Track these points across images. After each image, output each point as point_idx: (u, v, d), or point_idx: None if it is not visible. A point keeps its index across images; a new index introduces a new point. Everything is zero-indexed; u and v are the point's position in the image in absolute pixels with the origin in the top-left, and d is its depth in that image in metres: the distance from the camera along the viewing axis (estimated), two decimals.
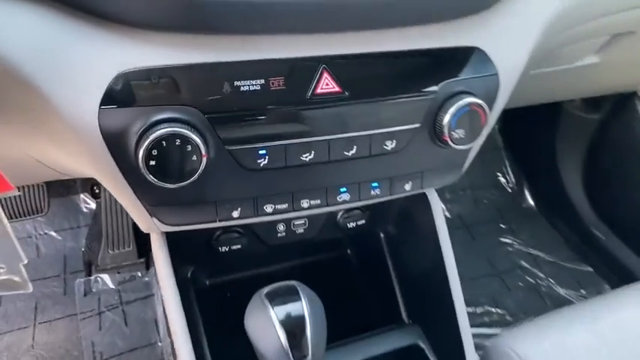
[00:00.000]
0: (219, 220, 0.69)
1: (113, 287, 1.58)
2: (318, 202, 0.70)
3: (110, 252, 1.60)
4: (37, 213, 1.38)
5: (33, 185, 1.40)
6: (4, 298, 1.53)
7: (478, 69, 0.67)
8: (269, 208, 0.70)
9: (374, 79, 0.63)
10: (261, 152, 0.62)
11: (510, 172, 1.97)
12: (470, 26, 0.65)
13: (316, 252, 1.09)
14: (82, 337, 1.41)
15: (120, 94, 0.53)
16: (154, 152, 0.55)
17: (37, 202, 1.42)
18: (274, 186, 0.66)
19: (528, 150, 1.89)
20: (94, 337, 1.46)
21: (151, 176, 0.56)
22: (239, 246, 0.89)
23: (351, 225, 0.96)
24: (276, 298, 0.62)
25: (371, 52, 0.61)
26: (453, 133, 0.67)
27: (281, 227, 0.91)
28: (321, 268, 1.10)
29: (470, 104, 0.65)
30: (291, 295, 0.63)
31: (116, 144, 0.56)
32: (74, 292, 1.56)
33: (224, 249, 0.88)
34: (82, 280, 1.59)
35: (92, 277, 1.60)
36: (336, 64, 0.60)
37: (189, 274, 0.92)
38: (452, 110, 0.65)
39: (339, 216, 0.96)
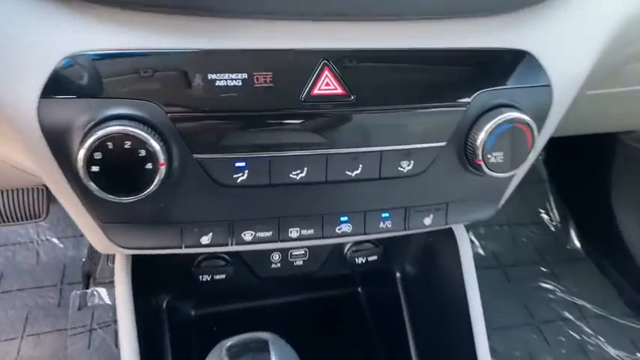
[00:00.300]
0: (186, 247, 0.58)
1: (109, 303, 1.48)
2: (311, 232, 0.60)
3: (110, 265, 1.51)
4: (34, 218, 1.29)
5: (32, 188, 1.32)
6: None
7: (526, 78, 0.57)
8: (248, 236, 0.59)
9: (389, 82, 0.53)
10: (238, 165, 0.53)
11: (554, 209, 1.84)
12: (518, 24, 0.55)
13: (318, 289, 0.97)
14: (69, 354, 1.32)
15: (66, 82, 0.46)
16: (97, 156, 0.46)
17: (35, 206, 1.34)
18: (255, 208, 0.57)
19: (576, 184, 1.77)
20: (81, 356, 1.36)
21: (92, 185, 0.48)
22: (223, 276, 0.79)
23: (361, 261, 0.85)
24: (239, 356, 0.48)
25: (388, 47, 0.52)
26: (488, 156, 0.56)
27: (276, 257, 0.80)
28: (323, 307, 0.99)
29: (513, 120, 0.55)
30: (259, 353, 0.49)
31: (59, 143, 0.48)
32: (69, 304, 1.48)
33: (205, 278, 0.77)
34: (79, 292, 1.50)
35: (89, 291, 1.51)
36: (341, 61, 0.50)
37: (164, 304, 0.79)
38: (488, 127, 0.55)
39: (346, 248, 0.85)
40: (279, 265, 0.79)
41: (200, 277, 0.77)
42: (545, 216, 1.84)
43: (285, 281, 0.83)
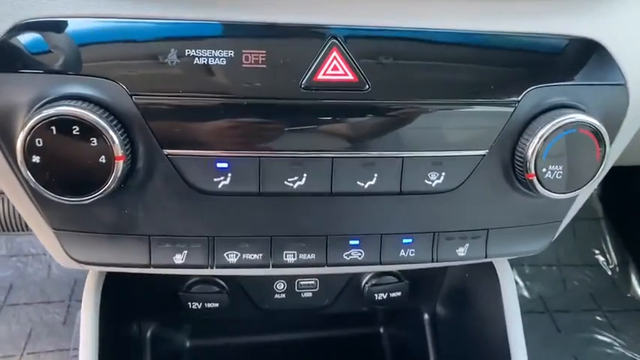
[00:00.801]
0: (154, 267, 0.50)
1: None
2: (312, 257, 0.52)
3: None
4: None
5: None
6: (0, 317, 1.43)
7: (593, 73, 0.49)
8: (232, 257, 0.51)
9: (415, 70, 0.46)
10: (220, 166, 0.46)
11: (612, 250, 1.70)
12: (586, 8, 0.48)
13: (330, 326, 0.88)
14: None
15: (13, 55, 0.42)
16: (38, 143, 0.41)
17: None
18: (241, 223, 0.50)
19: (637, 223, 1.63)
20: None
21: (32, 179, 0.42)
22: (216, 305, 0.71)
23: (381, 297, 0.77)
24: None
25: (415, 27, 0.45)
26: (543, 170, 0.48)
27: (280, 286, 0.73)
28: (336, 349, 0.91)
29: (577, 124, 0.46)
30: None
31: (2, 126, 0.43)
32: (74, 322, 1.43)
33: (196, 305, 0.67)
34: None
35: None
36: (354, 40, 0.43)
37: (148, 333, 0.69)
38: (544, 132, 0.47)
39: (364, 281, 0.77)
40: (283, 295, 0.72)
41: (189, 303, 0.69)
42: (600, 257, 1.71)
43: (291, 315, 0.74)
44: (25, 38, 0.41)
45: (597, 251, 1.71)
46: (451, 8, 0.44)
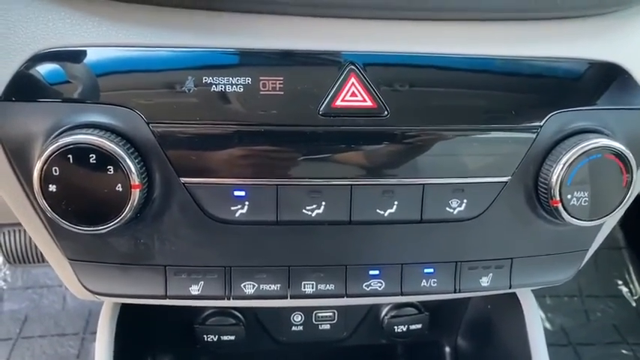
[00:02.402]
0: (170, 298, 0.49)
1: None
2: (331, 287, 0.50)
3: None
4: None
5: None
6: (14, 350, 1.41)
7: (617, 97, 0.47)
8: (249, 289, 0.49)
9: (434, 95, 0.45)
10: (237, 194, 0.44)
11: (635, 280, 1.64)
12: (607, 31, 0.47)
13: (349, 359, 0.82)
14: None
15: (31, 84, 0.41)
16: (55, 171, 0.40)
17: None
18: (259, 253, 0.48)
19: None
20: None
21: (48, 208, 0.41)
22: (232, 337, 0.69)
23: (401, 329, 0.74)
24: None
25: (434, 53, 0.44)
26: (569, 196, 0.46)
27: (298, 318, 0.71)
28: None
29: (602, 150, 0.45)
30: None
31: (19, 155, 0.43)
32: (88, 355, 1.40)
33: (212, 338, 0.65)
34: None
35: None
36: (372, 66, 0.43)
37: None
38: (568, 158, 0.45)
39: (383, 312, 0.74)
40: (301, 327, 0.70)
41: (205, 336, 0.66)
42: (623, 288, 1.65)
43: (308, 348, 0.71)
44: (43, 68, 0.41)
45: (620, 282, 1.65)
46: (470, 34, 0.44)
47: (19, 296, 1.54)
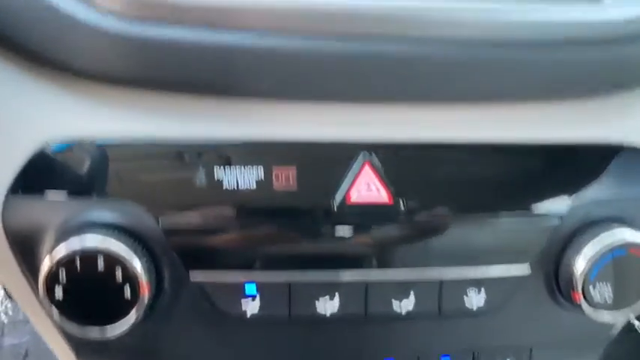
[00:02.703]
0: None
1: None
2: None
3: None
4: None
5: None
6: None
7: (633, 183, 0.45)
8: None
9: (453, 184, 0.43)
10: (249, 292, 0.42)
11: None
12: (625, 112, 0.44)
13: None
14: None
15: (37, 177, 0.40)
16: (62, 278, 0.38)
17: None
18: (270, 350, 0.46)
19: None
20: None
21: (56, 312, 0.39)
22: None
23: None
24: None
25: (450, 139, 0.42)
26: (592, 292, 0.43)
27: None
28: None
29: (627, 246, 0.42)
30: None
31: (24, 251, 0.41)
32: None
33: None
34: None
35: None
36: (388, 156, 0.41)
37: None
38: (590, 253, 0.42)
39: None
40: None
41: None
42: None
43: None
44: (51, 161, 0.39)
45: None
46: (489, 119, 0.42)
47: (20, 330, 1.51)
